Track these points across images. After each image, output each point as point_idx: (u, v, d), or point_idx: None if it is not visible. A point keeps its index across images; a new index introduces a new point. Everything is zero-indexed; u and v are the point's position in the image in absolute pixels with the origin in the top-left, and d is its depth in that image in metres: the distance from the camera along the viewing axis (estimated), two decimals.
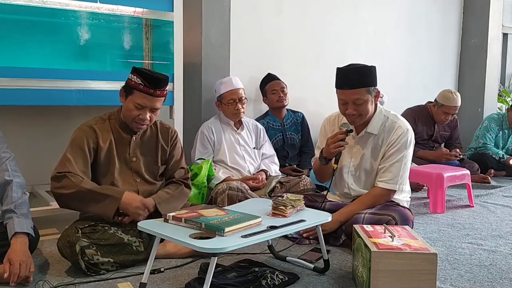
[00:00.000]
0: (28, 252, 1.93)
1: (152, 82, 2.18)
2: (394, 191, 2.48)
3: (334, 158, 2.45)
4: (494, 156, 4.54)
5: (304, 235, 2.50)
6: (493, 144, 4.66)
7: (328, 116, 2.73)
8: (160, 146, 2.41)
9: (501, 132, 4.73)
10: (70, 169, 2.12)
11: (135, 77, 2.20)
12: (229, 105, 3.21)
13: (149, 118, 2.25)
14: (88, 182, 2.14)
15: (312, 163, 2.75)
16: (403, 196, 2.58)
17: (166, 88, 2.27)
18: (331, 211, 2.46)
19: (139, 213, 2.15)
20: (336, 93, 2.45)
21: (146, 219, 2.13)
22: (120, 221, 2.16)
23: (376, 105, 2.51)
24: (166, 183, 2.45)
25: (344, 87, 2.37)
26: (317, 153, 2.65)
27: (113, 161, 2.28)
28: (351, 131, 2.45)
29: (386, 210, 2.40)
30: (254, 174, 3.27)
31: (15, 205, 1.98)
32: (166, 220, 1.84)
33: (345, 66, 2.41)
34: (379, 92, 2.47)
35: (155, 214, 2.21)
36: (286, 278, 2.01)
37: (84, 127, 2.26)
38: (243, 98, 3.25)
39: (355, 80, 2.35)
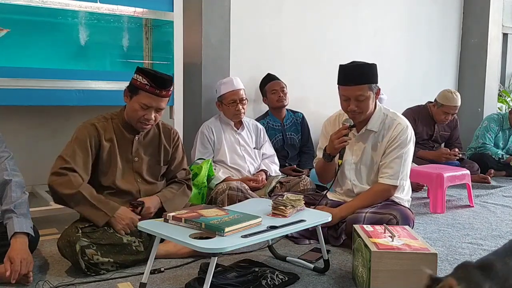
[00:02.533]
0: (28, 250, 1.94)
1: (158, 82, 2.19)
2: (395, 187, 2.49)
3: (338, 154, 2.46)
4: (494, 156, 4.54)
5: None
6: (492, 144, 4.66)
7: (329, 118, 2.75)
8: (163, 146, 2.42)
9: (501, 132, 4.73)
10: (73, 166, 2.13)
11: (140, 77, 2.20)
12: (229, 106, 3.21)
13: (154, 118, 2.26)
14: (86, 188, 2.14)
15: (314, 164, 2.76)
16: (404, 195, 2.59)
17: (171, 89, 2.28)
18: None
19: (125, 230, 2.15)
20: (338, 89, 2.49)
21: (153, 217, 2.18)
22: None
23: (376, 102, 2.54)
24: (168, 183, 2.47)
25: (348, 83, 2.41)
26: (319, 154, 2.66)
27: (115, 161, 2.28)
28: (354, 126, 2.49)
29: (387, 209, 2.41)
30: (254, 174, 3.27)
31: (14, 205, 1.98)
32: (166, 220, 1.84)
33: (348, 63, 2.45)
34: (379, 89, 2.51)
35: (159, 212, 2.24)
36: (286, 278, 2.01)
37: (87, 125, 2.26)
38: (244, 99, 3.25)
39: (358, 77, 2.40)
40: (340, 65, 2.46)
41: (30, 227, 1.99)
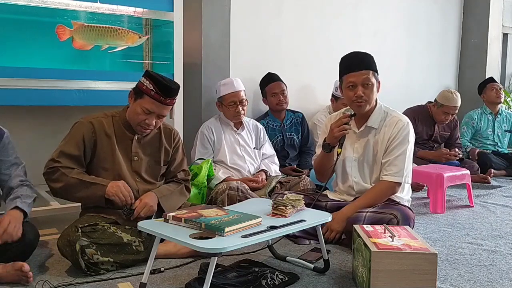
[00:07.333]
0: (20, 224, 2.01)
1: (164, 90, 2.19)
2: (400, 184, 2.49)
3: (338, 143, 2.46)
4: (463, 148, 4.63)
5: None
6: (468, 138, 4.77)
7: (330, 115, 2.76)
8: (163, 147, 2.42)
9: (483, 121, 4.80)
10: (61, 164, 2.17)
11: (147, 82, 2.20)
12: (229, 107, 3.21)
13: (154, 124, 2.27)
14: (77, 173, 2.18)
15: (313, 162, 2.75)
16: (404, 194, 2.59)
17: (176, 97, 2.28)
18: (332, 210, 2.47)
19: (121, 195, 2.17)
20: (342, 82, 2.52)
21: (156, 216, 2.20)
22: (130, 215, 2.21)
23: (376, 99, 2.56)
24: (166, 182, 2.47)
25: (355, 69, 2.46)
26: (318, 151, 2.65)
27: (115, 157, 2.28)
28: (354, 115, 2.50)
29: (387, 209, 2.41)
30: (254, 174, 3.27)
31: (21, 195, 2.10)
32: (166, 220, 1.84)
33: (351, 52, 2.51)
34: (380, 83, 2.53)
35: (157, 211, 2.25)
36: (286, 278, 2.01)
37: (83, 121, 2.27)
38: (244, 100, 3.24)
39: (365, 62, 2.47)
40: (343, 56, 2.51)
41: (29, 211, 2.10)
